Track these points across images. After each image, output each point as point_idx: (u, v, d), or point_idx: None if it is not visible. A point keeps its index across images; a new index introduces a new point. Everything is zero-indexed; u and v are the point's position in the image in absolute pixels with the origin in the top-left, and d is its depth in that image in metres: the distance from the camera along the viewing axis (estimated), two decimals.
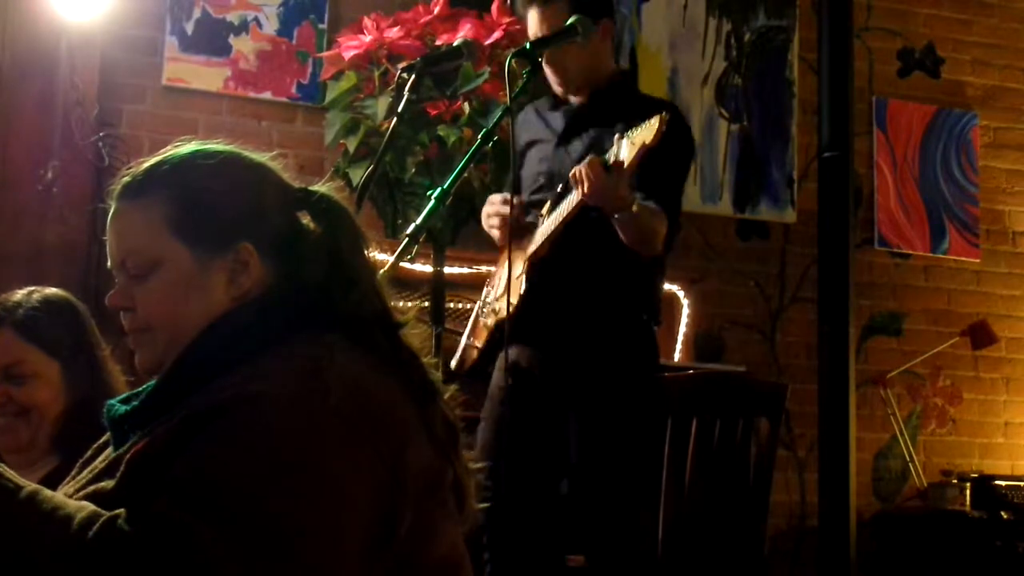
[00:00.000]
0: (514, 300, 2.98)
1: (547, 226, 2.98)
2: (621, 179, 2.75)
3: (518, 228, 3.09)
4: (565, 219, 2.91)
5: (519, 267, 3.04)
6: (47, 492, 1.31)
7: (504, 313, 3.00)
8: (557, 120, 3.17)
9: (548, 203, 3.03)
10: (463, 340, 3.23)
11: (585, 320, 3.01)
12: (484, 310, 3.20)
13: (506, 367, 2.93)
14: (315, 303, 1.47)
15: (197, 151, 1.52)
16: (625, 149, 2.74)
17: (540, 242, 2.98)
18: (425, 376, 1.49)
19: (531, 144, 3.20)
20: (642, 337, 3.09)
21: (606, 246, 2.92)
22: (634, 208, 2.82)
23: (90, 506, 1.30)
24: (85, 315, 2.23)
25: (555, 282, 2.98)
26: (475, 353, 3.13)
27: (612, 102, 3.12)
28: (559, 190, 2.99)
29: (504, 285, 3.06)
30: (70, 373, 2.15)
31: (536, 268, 2.97)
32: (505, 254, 3.13)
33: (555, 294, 2.98)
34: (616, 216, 2.84)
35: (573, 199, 2.87)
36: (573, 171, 2.81)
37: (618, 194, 2.78)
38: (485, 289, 3.27)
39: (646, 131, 2.72)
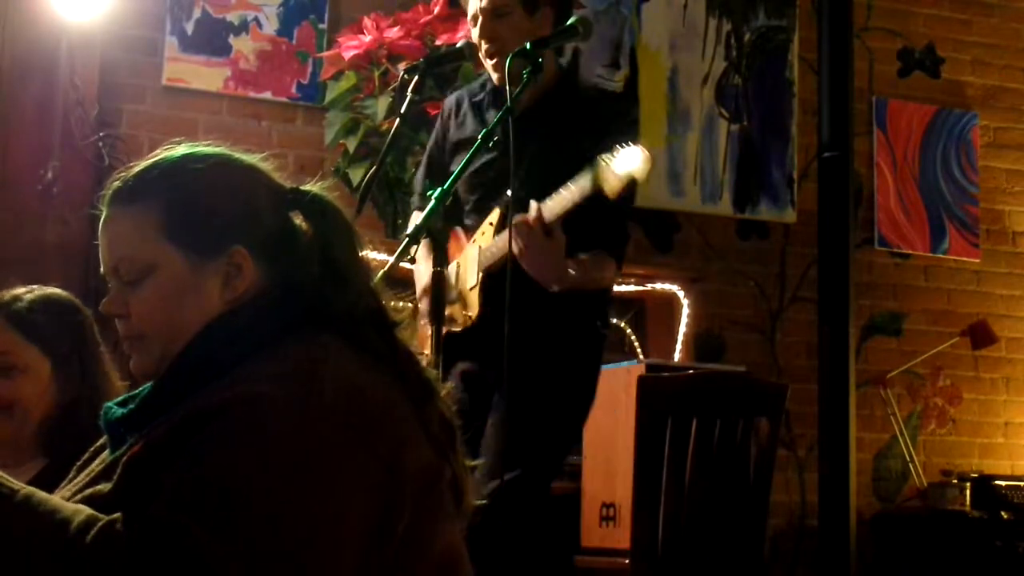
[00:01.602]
0: (472, 314, 2.90)
1: (492, 254, 2.86)
2: (556, 246, 2.68)
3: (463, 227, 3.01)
4: (503, 258, 2.78)
5: (473, 276, 2.93)
6: (43, 495, 1.31)
7: (457, 325, 2.93)
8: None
9: (497, 215, 2.91)
10: None
11: (539, 328, 2.88)
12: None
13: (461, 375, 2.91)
14: (309, 304, 1.46)
15: (188, 154, 1.51)
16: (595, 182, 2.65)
17: (494, 261, 2.86)
18: (421, 375, 1.49)
19: (468, 142, 2.96)
20: (591, 341, 3.00)
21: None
22: (571, 278, 2.75)
23: (87, 509, 1.29)
24: (86, 318, 2.20)
25: (511, 298, 2.78)
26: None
27: (560, 107, 2.99)
28: (507, 200, 2.85)
29: (452, 295, 2.97)
30: (61, 373, 2.12)
31: (492, 283, 2.83)
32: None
33: (510, 310, 2.88)
34: (554, 289, 2.76)
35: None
36: (514, 224, 2.71)
37: (555, 267, 2.72)
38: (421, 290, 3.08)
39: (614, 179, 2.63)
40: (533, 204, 2.71)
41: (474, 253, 2.96)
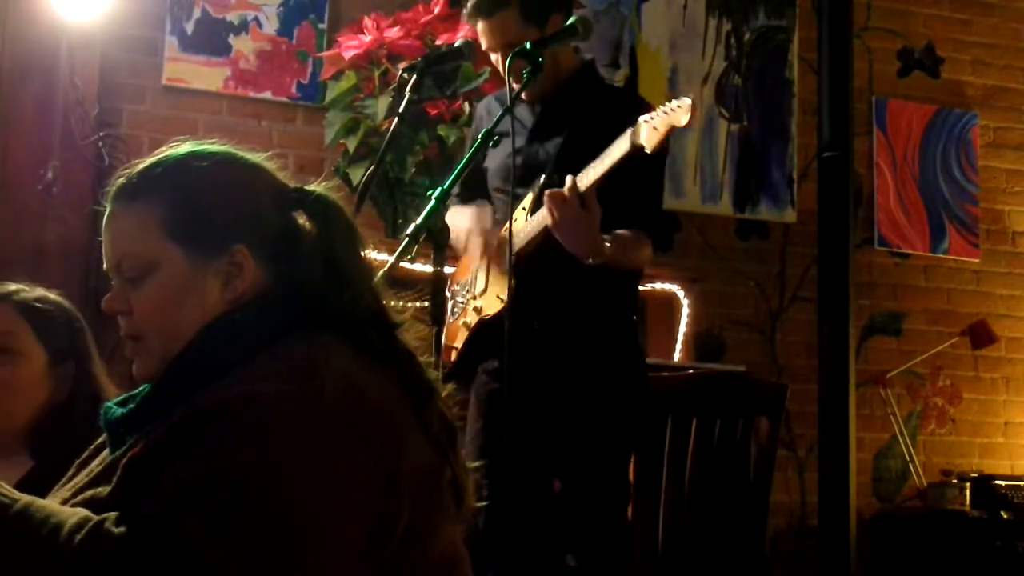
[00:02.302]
0: (505, 296, 2.89)
1: (527, 233, 2.88)
2: (591, 217, 2.69)
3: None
4: (538, 236, 2.84)
5: (505, 260, 2.93)
6: (40, 502, 1.31)
7: (487, 313, 2.96)
8: (524, 114, 3.05)
9: (530, 199, 2.94)
10: None
11: (569, 321, 2.94)
12: (457, 309, 3.10)
13: (496, 370, 2.91)
14: (310, 304, 1.46)
15: (192, 153, 1.51)
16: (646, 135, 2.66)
17: (527, 242, 2.89)
18: (422, 375, 1.49)
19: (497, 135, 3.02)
20: (627, 335, 3.04)
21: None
22: (607, 251, 2.76)
23: (82, 511, 1.29)
24: (82, 325, 2.23)
25: (538, 286, 2.90)
26: (453, 355, 3.07)
27: (580, 95, 3.03)
28: (540, 184, 2.91)
29: (483, 284, 3.01)
30: (56, 370, 2.14)
31: (526, 266, 2.87)
32: (475, 255, 3.06)
33: (538, 298, 2.90)
34: (590, 262, 2.77)
35: (545, 218, 2.79)
36: (548, 194, 2.73)
37: (591, 239, 2.72)
38: (455, 287, 3.15)
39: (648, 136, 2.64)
40: (569, 176, 2.73)
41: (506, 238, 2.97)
